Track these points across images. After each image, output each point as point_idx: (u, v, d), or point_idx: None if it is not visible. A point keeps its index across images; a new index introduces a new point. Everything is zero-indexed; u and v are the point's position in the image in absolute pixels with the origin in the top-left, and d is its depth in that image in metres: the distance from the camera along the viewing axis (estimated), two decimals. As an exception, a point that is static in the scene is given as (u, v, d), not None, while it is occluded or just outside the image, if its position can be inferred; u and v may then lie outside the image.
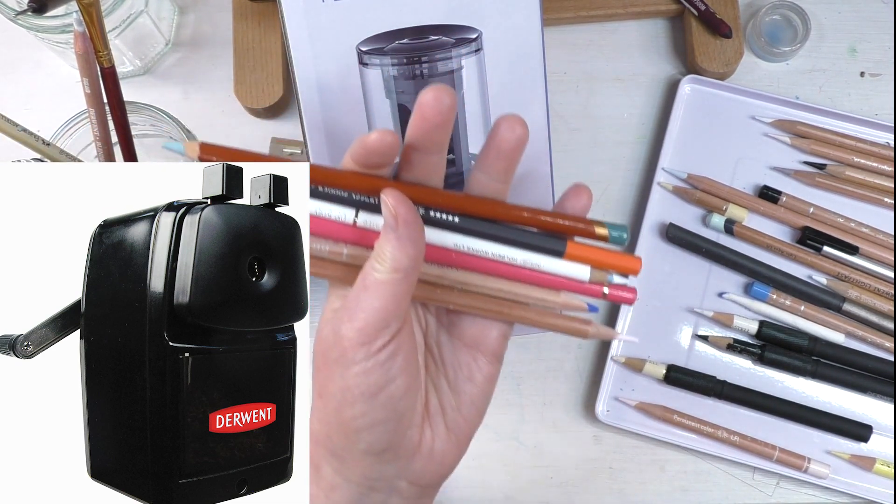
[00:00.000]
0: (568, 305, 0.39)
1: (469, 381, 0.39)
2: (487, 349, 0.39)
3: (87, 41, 0.50)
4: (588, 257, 0.38)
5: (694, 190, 0.65)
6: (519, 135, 0.37)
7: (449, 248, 0.37)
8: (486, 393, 0.40)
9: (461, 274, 0.38)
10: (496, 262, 0.38)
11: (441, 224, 0.37)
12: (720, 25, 0.65)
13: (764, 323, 0.63)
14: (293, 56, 0.52)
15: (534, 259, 0.38)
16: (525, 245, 0.38)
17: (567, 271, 0.38)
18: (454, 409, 0.39)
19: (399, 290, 0.34)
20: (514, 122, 0.37)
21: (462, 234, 0.37)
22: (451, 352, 0.40)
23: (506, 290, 0.38)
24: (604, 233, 0.38)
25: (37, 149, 0.51)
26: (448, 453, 0.40)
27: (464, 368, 0.39)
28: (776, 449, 0.61)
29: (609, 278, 0.38)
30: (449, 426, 0.39)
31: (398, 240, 0.34)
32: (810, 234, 0.63)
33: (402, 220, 0.34)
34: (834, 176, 0.64)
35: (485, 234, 0.37)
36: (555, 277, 0.38)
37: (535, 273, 0.38)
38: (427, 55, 0.52)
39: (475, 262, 0.38)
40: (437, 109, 0.35)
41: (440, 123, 0.35)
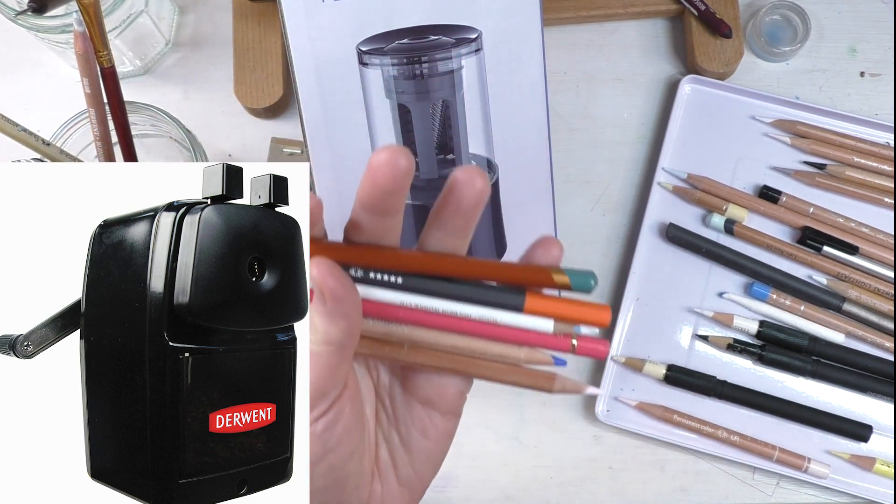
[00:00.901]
0: (532, 360, 0.35)
1: (423, 436, 0.37)
2: (444, 407, 0.37)
3: (87, 41, 0.50)
4: (549, 311, 0.34)
5: (694, 190, 0.65)
6: (479, 189, 0.32)
7: (395, 305, 0.34)
8: (442, 448, 0.38)
9: (411, 330, 0.35)
10: (448, 317, 0.34)
11: (383, 284, 0.34)
12: (720, 25, 0.65)
13: (764, 323, 0.63)
14: (293, 56, 0.52)
15: (490, 315, 0.34)
16: (479, 301, 0.34)
17: (529, 324, 0.35)
18: (406, 465, 0.37)
19: (332, 361, 0.32)
20: (474, 176, 0.32)
21: (408, 293, 0.34)
22: (404, 407, 0.37)
23: (461, 346, 0.35)
24: (564, 281, 0.34)
25: (37, 149, 0.51)
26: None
27: (417, 424, 0.37)
28: (776, 449, 0.61)
29: (576, 329, 0.35)
30: (401, 480, 0.37)
31: (328, 314, 0.31)
32: (810, 234, 0.63)
33: (330, 295, 0.31)
34: (834, 176, 0.64)
35: (433, 293, 0.34)
36: (515, 331, 0.35)
37: (493, 327, 0.35)
38: (427, 55, 0.52)
39: (425, 317, 0.34)
40: (389, 175, 0.31)
41: (393, 189, 0.31)
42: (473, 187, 0.32)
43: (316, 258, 0.32)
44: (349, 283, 0.32)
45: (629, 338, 0.64)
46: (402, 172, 0.31)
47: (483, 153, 0.56)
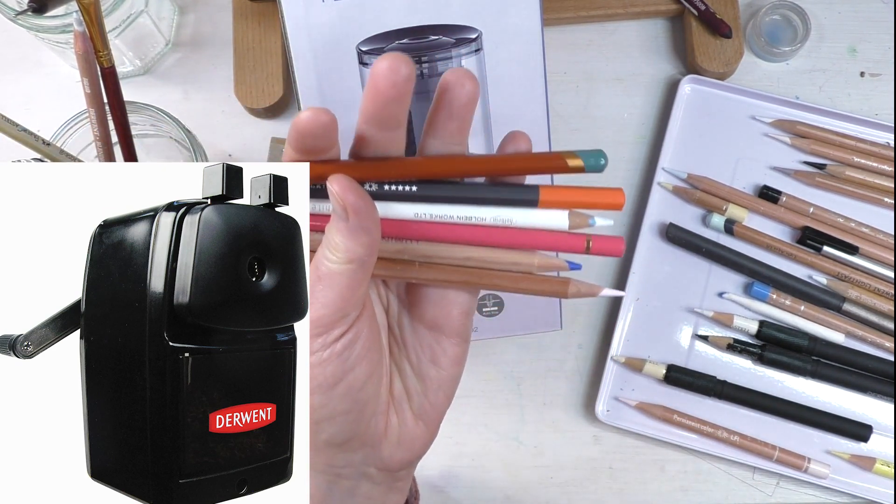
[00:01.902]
0: (545, 266, 0.35)
1: (434, 364, 0.37)
2: (451, 330, 0.37)
3: (87, 41, 0.50)
4: (565, 200, 0.34)
5: (694, 190, 0.65)
6: (469, 90, 0.33)
7: (409, 220, 0.34)
8: (454, 376, 0.38)
9: (423, 246, 0.35)
10: (462, 226, 0.34)
11: (398, 196, 0.34)
12: (720, 25, 0.65)
13: (764, 323, 0.63)
14: (293, 56, 0.52)
15: (505, 215, 0.34)
16: (493, 201, 0.34)
17: (544, 222, 0.34)
18: (420, 394, 0.38)
19: (355, 280, 0.33)
20: (463, 76, 0.33)
21: (423, 203, 0.34)
22: (412, 335, 0.38)
23: (474, 256, 0.35)
24: (577, 163, 0.34)
25: (37, 149, 0.51)
26: (417, 438, 0.38)
27: (427, 352, 0.37)
28: (776, 449, 0.61)
29: (591, 221, 0.34)
30: (415, 411, 0.38)
31: (349, 230, 0.32)
32: (810, 234, 0.63)
33: (353, 210, 0.31)
34: (834, 176, 0.64)
35: (448, 198, 0.34)
36: (530, 233, 0.34)
37: (508, 231, 0.34)
38: (427, 55, 0.52)
39: (439, 229, 0.34)
40: (391, 80, 0.31)
41: (395, 97, 0.32)
42: (463, 87, 0.33)
43: (333, 175, 0.32)
44: (368, 197, 0.32)
45: (629, 338, 0.64)
46: (404, 79, 0.31)
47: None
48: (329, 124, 0.32)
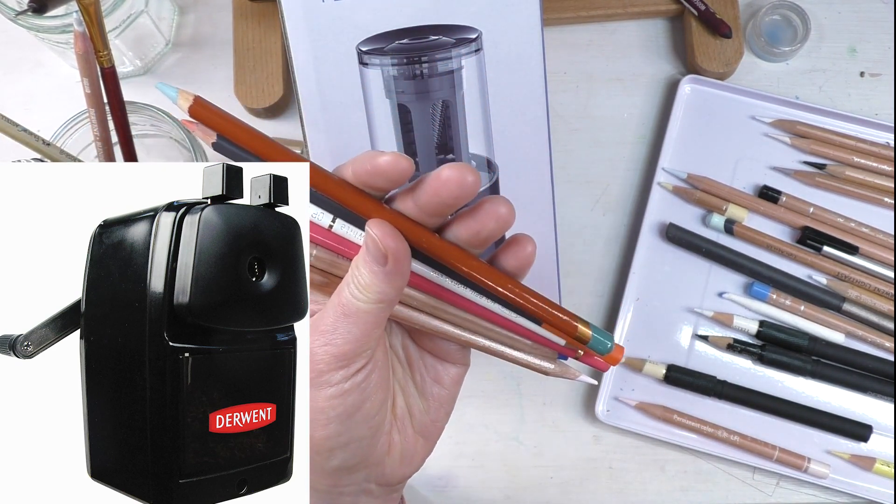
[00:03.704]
0: (536, 350, 0.38)
1: (436, 383, 0.39)
2: (451, 357, 0.39)
3: (87, 41, 0.50)
4: (566, 338, 0.37)
5: (694, 190, 0.65)
6: (503, 222, 0.34)
7: (425, 277, 0.36)
8: (454, 394, 0.40)
9: (431, 299, 0.37)
10: (470, 301, 0.36)
11: (422, 258, 0.36)
12: (720, 25, 0.65)
13: (764, 323, 0.63)
14: (293, 56, 0.52)
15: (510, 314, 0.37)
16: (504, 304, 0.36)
17: (543, 332, 0.37)
18: (422, 412, 0.39)
19: (380, 318, 0.34)
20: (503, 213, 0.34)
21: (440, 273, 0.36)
22: (417, 356, 0.39)
23: (476, 322, 0.37)
24: (586, 334, 0.36)
25: (37, 149, 0.51)
26: (416, 454, 0.39)
27: (430, 372, 0.39)
28: (776, 449, 0.61)
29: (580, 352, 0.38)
30: (416, 428, 0.39)
31: (386, 274, 0.33)
32: (810, 234, 0.63)
33: (393, 257, 0.33)
34: (834, 176, 0.64)
35: (465, 283, 0.36)
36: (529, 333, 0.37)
37: (509, 322, 0.37)
38: (427, 55, 0.52)
39: (449, 295, 0.36)
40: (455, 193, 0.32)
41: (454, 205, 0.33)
42: (498, 221, 0.34)
43: (374, 220, 0.33)
44: (406, 245, 0.33)
45: (629, 338, 0.64)
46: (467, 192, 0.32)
47: (483, 153, 0.56)
48: (407, 173, 0.33)
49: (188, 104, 0.33)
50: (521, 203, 0.57)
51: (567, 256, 0.65)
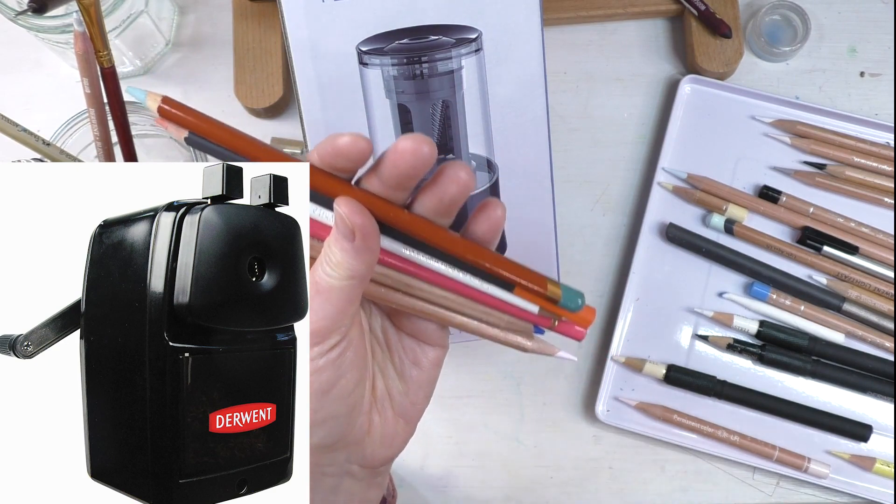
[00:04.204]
0: (512, 325, 0.38)
1: (415, 365, 0.40)
2: (430, 339, 0.40)
3: (87, 41, 0.50)
4: (537, 301, 0.37)
5: (694, 190, 0.65)
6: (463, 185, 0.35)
7: (397, 254, 0.36)
8: (433, 377, 0.40)
9: (406, 277, 0.37)
10: (443, 276, 0.37)
11: (393, 235, 0.36)
12: (720, 25, 0.65)
13: (764, 323, 0.63)
14: (293, 56, 0.52)
15: (481, 286, 0.37)
16: (475, 273, 0.37)
17: (514, 302, 0.37)
18: (401, 394, 0.40)
19: (353, 294, 0.35)
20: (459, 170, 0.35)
21: (413, 249, 0.37)
22: (396, 338, 0.40)
23: (451, 299, 0.37)
24: (556, 292, 0.37)
25: (37, 149, 0.51)
26: (397, 435, 0.40)
27: (409, 354, 0.40)
28: (776, 449, 0.61)
29: (555, 323, 0.38)
30: (396, 410, 0.40)
31: (355, 249, 0.34)
32: (810, 234, 0.63)
33: (361, 232, 0.33)
34: (834, 176, 0.64)
35: (436, 255, 0.37)
36: (503, 304, 0.37)
37: (484, 295, 0.37)
38: (427, 55, 0.52)
39: (422, 271, 0.37)
40: (411, 163, 0.33)
41: (413, 175, 0.34)
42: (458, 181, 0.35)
43: (341, 198, 0.34)
44: (373, 220, 0.34)
45: (629, 338, 0.64)
46: (423, 162, 0.33)
47: (483, 153, 0.56)
48: (366, 152, 0.34)
49: (156, 105, 0.34)
50: (521, 203, 0.57)
51: (567, 256, 0.65)
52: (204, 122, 0.35)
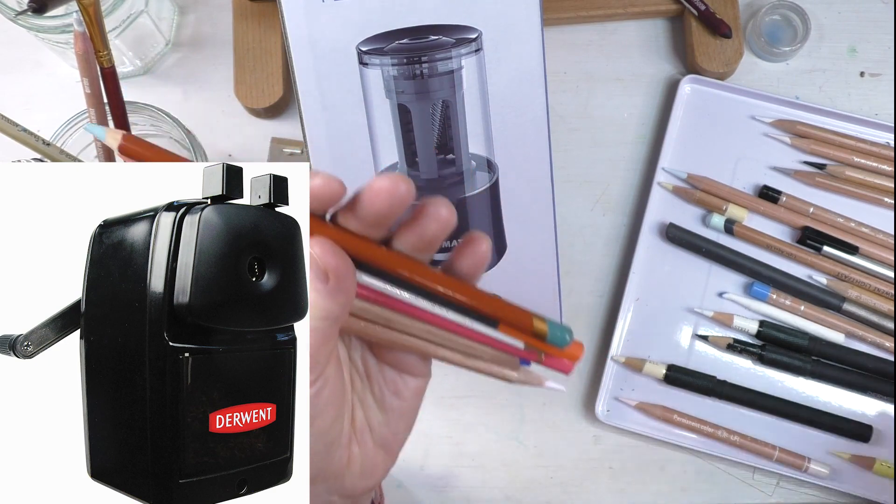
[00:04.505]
0: (497, 358, 0.37)
1: (396, 396, 0.38)
2: (411, 368, 0.38)
3: (87, 41, 0.50)
4: (522, 338, 0.37)
5: (694, 190, 0.65)
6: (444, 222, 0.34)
7: (376, 288, 0.35)
8: (415, 406, 0.39)
9: (385, 311, 0.36)
10: (424, 311, 0.36)
11: (372, 271, 0.35)
12: (720, 25, 0.65)
13: (764, 323, 0.63)
14: (293, 56, 0.52)
15: (465, 322, 0.36)
16: (458, 310, 0.36)
17: (501, 338, 0.37)
18: (382, 424, 0.38)
19: (328, 335, 0.34)
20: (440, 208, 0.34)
21: (391, 284, 0.35)
22: (376, 369, 0.38)
23: (433, 332, 0.36)
24: (542, 329, 0.36)
25: (37, 149, 0.50)
26: (377, 466, 0.39)
27: (390, 385, 0.38)
28: (776, 449, 0.61)
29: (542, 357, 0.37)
30: (376, 441, 0.38)
31: (328, 291, 0.33)
32: (810, 234, 0.63)
33: (334, 274, 0.32)
34: (834, 176, 0.64)
35: (416, 292, 0.35)
36: (487, 339, 0.36)
37: (467, 329, 0.36)
38: (427, 55, 0.52)
39: (402, 306, 0.36)
40: (388, 203, 0.32)
41: (390, 215, 0.33)
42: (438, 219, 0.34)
43: (316, 237, 0.33)
44: (349, 261, 0.33)
45: (629, 338, 0.64)
46: (400, 201, 0.32)
47: (483, 153, 0.56)
48: (337, 194, 0.33)
49: (117, 142, 0.34)
50: (521, 203, 0.57)
51: (567, 256, 0.65)
52: (165, 157, 0.34)
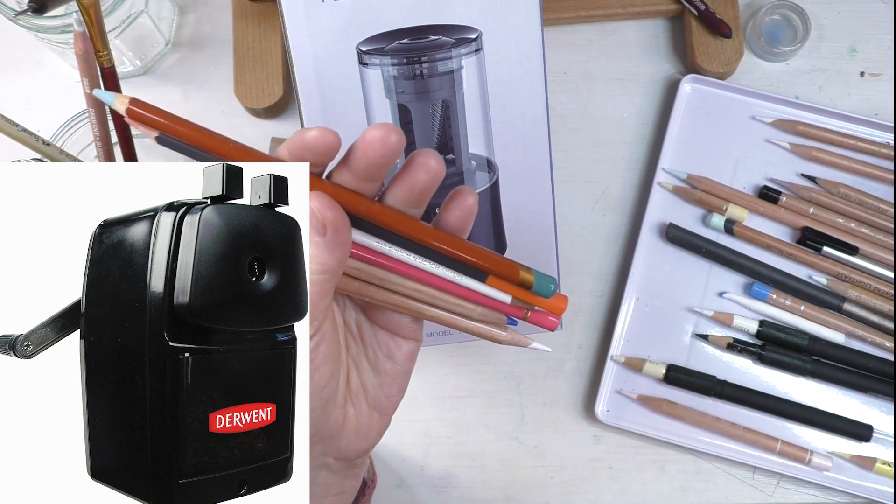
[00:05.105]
0: (486, 316, 0.38)
1: (389, 359, 0.40)
2: (404, 333, 0.40)
3: (87, 41, 0.50)
4: (510, 290, 0.38)
5: (694, 190, 0.65)
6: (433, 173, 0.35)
7: (370, 247, 0.37)
8: (407, 369, 0.41)
9: (379, 270, 0.37)
10: (416, 268, 0.37)
11: (365, 228, 0.36)
12: (720, 25, 0.65)
13: (764, 323, 0.63)
14: (293, 56, 0.52)
15: (454, 276, 0.37)
16: (447, 264, 0.37)
17: (487, 293, 0.38)
18: (376, 387, 0.40)
19: (325, 288, 0.35)
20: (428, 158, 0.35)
21: (385, 242, 0.37)
22: (370, 332, 0.40)
23: (424, 292, 0.38)
24: (528, 279, 0.37)
25: (37, 149, 0.50)
26: (372, 428, 0.40)
27: (383, 347, 0.40)
28: (778, 441, 0.61)
29: (527, 314, 0.38)
30: (371, 403, 0.40)
31: (326, 244, 0.34)
32: (810, 234, 0.63)
33: (332, 226, 0.34)
34: (828, 191, 0.64)
35: (408, 246, 0.37)
36: (475, 294, 0.38)
37: (456, 285, 0.38)
38: (427, 55, 0.52)
39: (395, 264, 0.37)
40: (380, 151, 0.34)
41: (382, 164, 0.34)
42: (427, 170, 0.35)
43: (314, 192, 0.34)
44: (345, 215, 0.34)
45: (629, 338, 0.64)
46: (392, 150, 0.34)
47: (483, 153, 0.56)
48: (334, 146, 0.34)
49: (125, 106, 0.34)
50: (521, 203, 0.57)
51: (567, 256, 0.65)
52: (174, 122, 0.35)
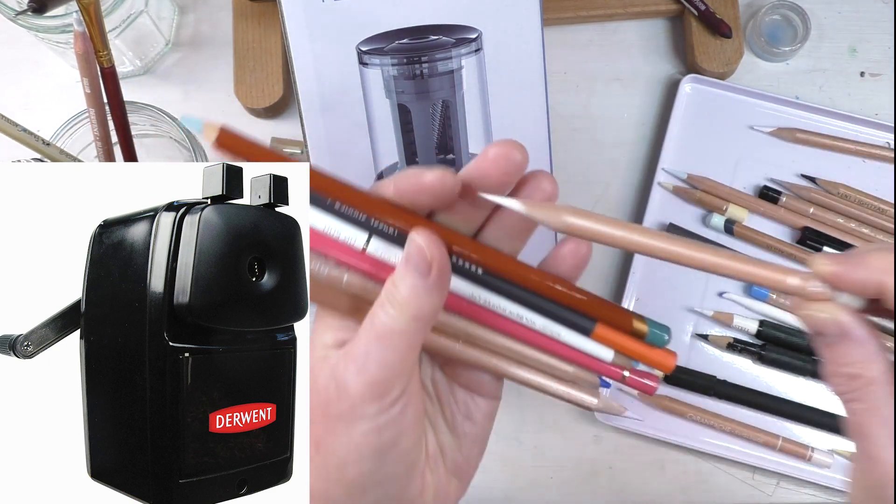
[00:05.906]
0: (579, 378, 0.36)
1: (468, 419, 0.37)
2: (483, 389, 0.37)
3: (87, 41, 0.50)
4: (617, 342, 0.35)
5: (694, 190, 0.65)
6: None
7: (463, 297, 0.34)
8: (487, 430, 0.38)
9: (467, 324, 0.34)
10: (511, 321, 0.34)
11: (463, 273, 0.34)
12: (720, 25, 0.65)
13: (764, 322, 0.63)
14: (293, 56, 0.52)
15: (554, 329, 0.34)
16: (550, 314, 0.34)
17: (589, 349, 0.35)
18: (454, 450, 0.37)
19: (416, 339, 0.32)
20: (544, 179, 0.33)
21: (483, 287, 0.34)
22: (446, 390, 0.37)
23: (514, 349, 0.35)
24: (642, 329, 0.34)
25: (37, 149, 0.51)
26: (450, 495, 0.37)
27: (461, 407, 0.37)
28: (779, 438, 0.61)
29: (634, 364, 0.35)
30: (449, 467, 0.37)
31: (427, 287, 0.31)
32: (810, 234, 0.63)
33: (437, 267, 0.31)
34: (828, 192, 0.64)
35: (508, 293, 0.34)
36: (573, 352, 0.35)
37: (552, 341, 0.35)
38: (427, 55, 0.52)
39: (488, 316, 0.34)
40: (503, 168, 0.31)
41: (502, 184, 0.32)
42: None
43: (419, 228, 0.31)
44: (447, 255, 0.32)
45: (629, 338, 0.64)
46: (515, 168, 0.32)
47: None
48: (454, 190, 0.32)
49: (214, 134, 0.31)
50: (521, 203, 0.57)
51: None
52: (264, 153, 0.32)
